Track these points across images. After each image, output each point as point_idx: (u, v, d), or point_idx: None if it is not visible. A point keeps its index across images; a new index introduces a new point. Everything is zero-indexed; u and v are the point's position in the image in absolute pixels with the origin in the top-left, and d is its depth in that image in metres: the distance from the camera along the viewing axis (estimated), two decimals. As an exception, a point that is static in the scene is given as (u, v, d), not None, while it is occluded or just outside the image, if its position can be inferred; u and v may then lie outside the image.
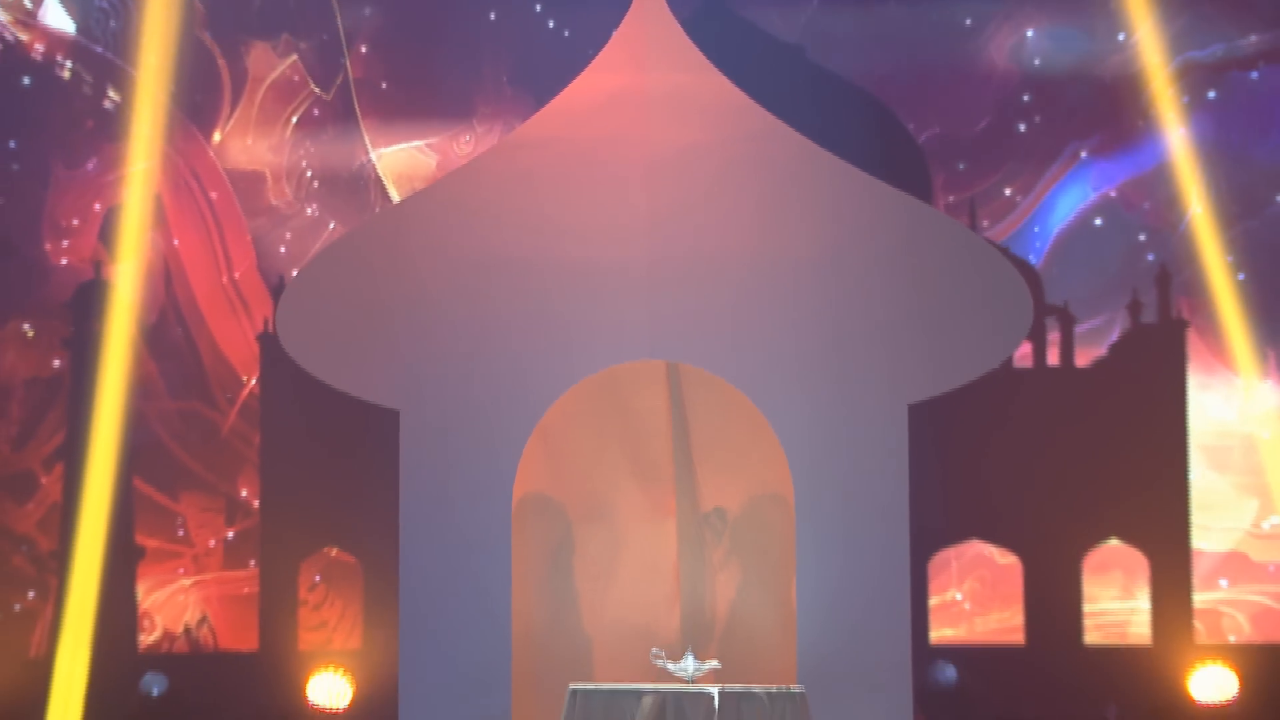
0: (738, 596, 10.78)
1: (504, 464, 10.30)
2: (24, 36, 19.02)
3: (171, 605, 18.75)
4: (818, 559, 10.17)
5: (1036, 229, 18.66)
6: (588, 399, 10.70)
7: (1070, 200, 18.65)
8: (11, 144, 18.66)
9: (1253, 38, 18.43)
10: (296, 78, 19.15)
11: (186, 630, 18.61)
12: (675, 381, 10.90)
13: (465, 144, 18.51)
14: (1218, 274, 16.68)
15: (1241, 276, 17.07)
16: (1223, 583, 18.00)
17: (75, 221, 18.73)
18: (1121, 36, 17.35)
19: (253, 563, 18.22)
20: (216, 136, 19.15)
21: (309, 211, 19.08)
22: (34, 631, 17.66)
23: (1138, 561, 18.00)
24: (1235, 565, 18.18)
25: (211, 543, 18.80)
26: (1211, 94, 18.44)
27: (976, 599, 18.18)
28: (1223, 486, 18.12)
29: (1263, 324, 17.12)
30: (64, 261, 18.89)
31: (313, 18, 18.99)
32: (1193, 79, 18.17)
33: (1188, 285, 17.70)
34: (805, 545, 10.16)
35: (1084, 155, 18.62)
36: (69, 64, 18.93)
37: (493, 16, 18.91)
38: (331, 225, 19.00)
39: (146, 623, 18.42)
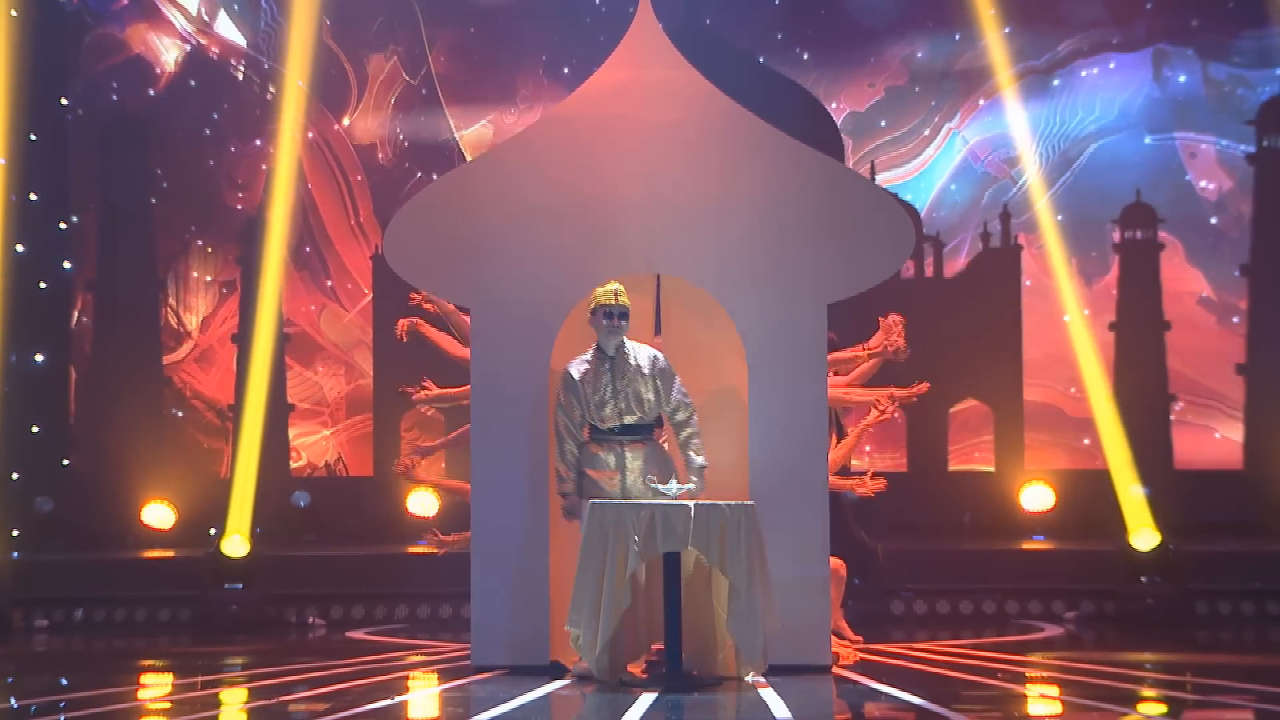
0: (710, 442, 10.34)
1: (544, 342, 9.79)
2: (203, 41, 18.60)
3: (315, 446, 18.55)
4: (764, 413, 9.68)
5: (922, 184, 18.49)
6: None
7: (944, 163, 18.48)
8: (205, 126, 18.48)
9: (1062, 49, 18.15)
10: (398, 75, 18.85)
11: (326, 465, 18.40)
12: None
13: (512, 118, 18.23)
14: (1043, 213, 16.44)
15: (1060, 218, 16.74)
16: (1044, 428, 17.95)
17: (245, 178, 18.65)
18: (979, 45, 16.94)
19: (368, 413, 18.04)
20: (346, 121, 18.83)
21: (406, 167, 18.86)
22: (219, 461, 17.42)
23: (986, 413, 17.74)
24: (1052, 415, 18.00)
25: (338, 397, 18.64)
26: (1048, 86, 18.22)
27: (873, 440, 17.93)
28: (1043, 360, 17.86)
29: (1070, 247, 16.79)
30: (239, 207, 18.66)
31: (408, 30, 18.67)
32: (1030, 78, 17.89)
33: (1023, 222, 17.44)
34: (755, 404, 9.68)
35: (953, 131, 18.50)
36: (242, 67, 18.57)
37: (532, 27, 18.69)
38: (418, 175, 18.79)
39: (295, 456, 18.21)
